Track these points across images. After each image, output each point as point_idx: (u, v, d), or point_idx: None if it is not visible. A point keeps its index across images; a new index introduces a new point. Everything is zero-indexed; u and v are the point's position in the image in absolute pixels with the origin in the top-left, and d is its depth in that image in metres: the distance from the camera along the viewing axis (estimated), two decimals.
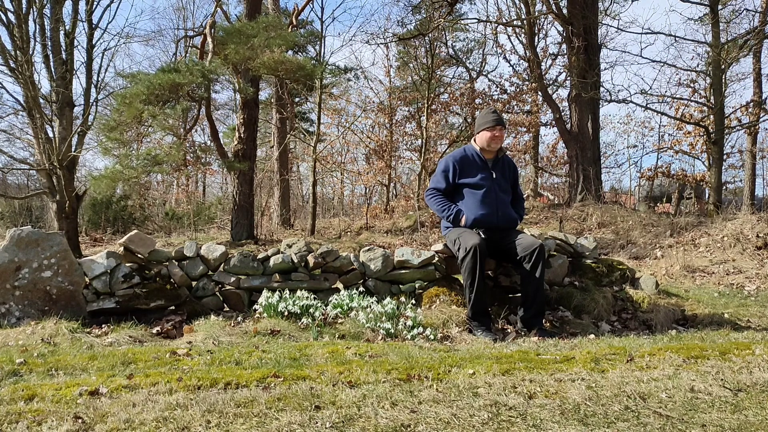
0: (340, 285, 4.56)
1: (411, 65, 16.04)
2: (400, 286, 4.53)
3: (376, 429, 2.01)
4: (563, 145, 14.13)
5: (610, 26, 14.98)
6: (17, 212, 15.30)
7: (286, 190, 15.49)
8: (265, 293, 4.18)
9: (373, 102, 16.71)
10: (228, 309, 4.49)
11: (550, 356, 3.05)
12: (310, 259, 4.44)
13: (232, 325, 3.96)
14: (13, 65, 8.78)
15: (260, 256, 4.50)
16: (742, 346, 3.16)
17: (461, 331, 3.90)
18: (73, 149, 8.94)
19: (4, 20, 8.88)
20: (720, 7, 11.83)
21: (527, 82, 16.36)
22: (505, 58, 21.08)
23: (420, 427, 2.03)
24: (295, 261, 4.42)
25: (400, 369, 2.70)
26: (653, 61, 15.53)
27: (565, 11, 12.63)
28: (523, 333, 3.94)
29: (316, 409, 2.17)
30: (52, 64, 9.28)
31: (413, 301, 4.24)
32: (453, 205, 4.24)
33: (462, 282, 4.19)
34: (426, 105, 13.71)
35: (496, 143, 4.25)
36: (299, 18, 13.87)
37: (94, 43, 9.70)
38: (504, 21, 16.39)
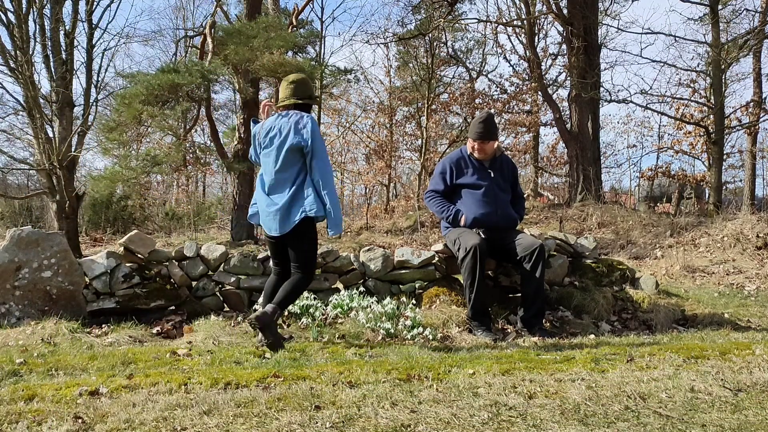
0: (340, 285, 4.55)
1: (411, 65, 16.03)
2: (400, 286, 4.52)
3: (376, 429, 2.01)
4: (563, 145, 14.13)
5: (610, 26, 14.95)
6: (17, 212, 15.29)
7: None
8: None
9: (373, 102, 16.72)
10: (228, 309, 4.49)
11: (550, 356, 3.05)
12: None
13: (232, 325, 3.96)
14: (13, 65, 8.78)
15: (260, 256, 4.50)
16: (742, 346, 3.16)
17: (461, 331, 3.89)
18: (73, 149, 8.94)
19: (4, 20, 8.88)
20: (720, 7, 11.83)
21: (527, 82, 16.35)
22: (505, 58, 21.07)
23: (420, 427, 2.03)
24: None
25: (400, 369, 2.70)
26: (653, 61, 15.57)
27: (565, 11, 12.62)
28: (523, 333, 3.94)
29: (316, 409, 2.17)
30: (52, 64, 9.28)
31: (413, 301, 4.23)
32: (452, 206, 4.23)
33: (462, 282, 4.18)
34: (426, 105, 13.71)
35: (479, 155, 4.22)
36: (299, 18, 13.85)
37: (94, 43, 9.72)
38: (504, 21, 16.38)
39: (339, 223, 3.31)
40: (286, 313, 3.84)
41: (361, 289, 4.35)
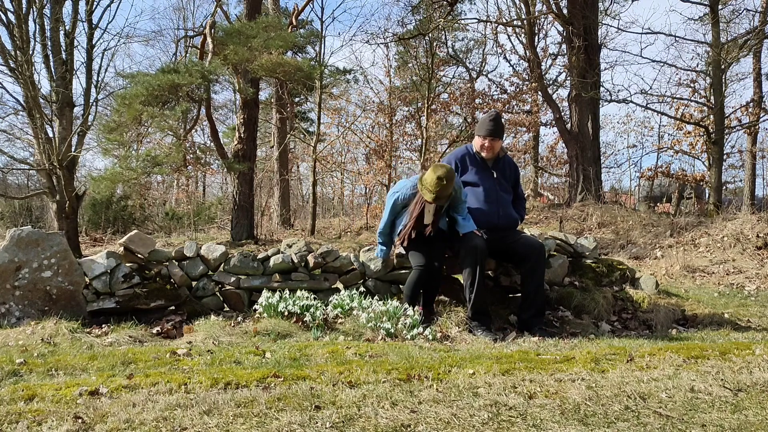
0: (340, 285, 4.55)
1: (411, 65, 16.04)
2: (400, 286, 4.52)
3: (376, 429, 2.01)
4: (563, 145, 14.14)
5: (610, 26, 14.99)
6: (17, 212, 15.30)
7: (286, 190, 15.50)
8: (265, 293, 4.18)
9: (373, 102, 16.71)
10: (228, 309, 4.49)
11: (550, 356, 3.05)
12: (310, 259, 4.44)
13: (232, 325, 3.96)
14: (13, 65, 8.78)
15: (260, 256, 4.49)
16: (742, 346, 3.16)
17: (461, 331, 3.89)
18: (73, 149, 8.94)
19: (4, 20, 8.88)
20: (720, 7, 11.82)
21: (527, 82, 16.36)
22: (505, 58, 21.12)
23: (420, 427, 2.03)
24: (295, 261, 4.42)
25: (400, 369, 2.70)
26: (653, 61, 15.59)
27: (565, 11, 12.63)
28: (523, 333, 3.93)
29: (316, 409, 2.17)
30: (52, 64, 9.27)
31: None
32: None
33: (462, 282, 4.18)
34: (426, 105, 13.71)
35: (486, 153, 4.22)
36: (299, 18, 13.85)
37: (94, 43, 9.70)
38: (504, 21, 16.40)
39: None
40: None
41: (361, 289, 4.35)
